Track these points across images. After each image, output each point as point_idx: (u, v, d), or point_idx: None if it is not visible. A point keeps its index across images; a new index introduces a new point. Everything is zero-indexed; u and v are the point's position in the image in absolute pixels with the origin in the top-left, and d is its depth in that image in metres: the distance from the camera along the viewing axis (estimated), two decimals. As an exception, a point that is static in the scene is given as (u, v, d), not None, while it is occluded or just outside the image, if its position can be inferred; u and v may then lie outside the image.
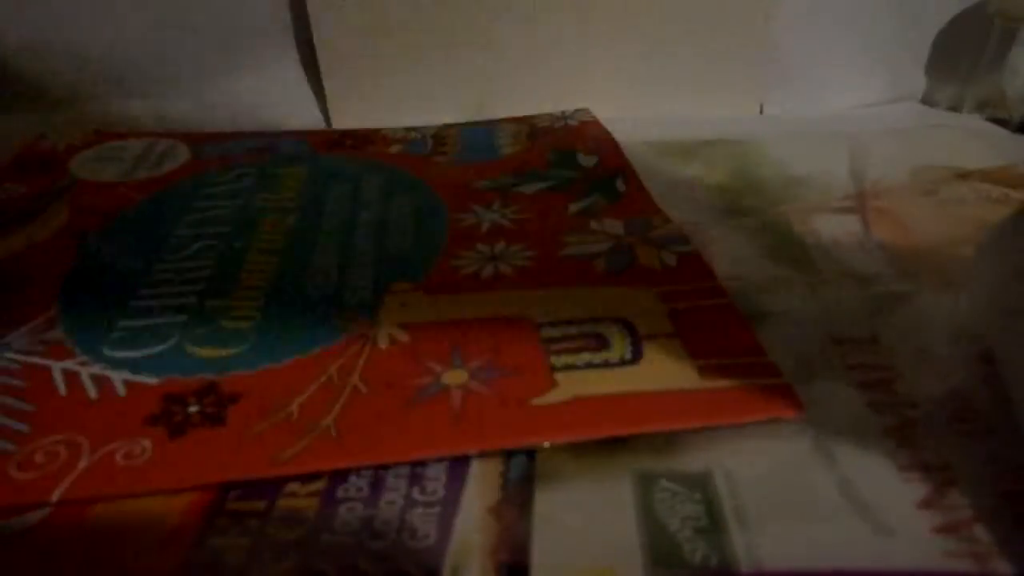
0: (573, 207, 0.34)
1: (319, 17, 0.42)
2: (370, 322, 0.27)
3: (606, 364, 0.25)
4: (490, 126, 0.43)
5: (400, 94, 0.44)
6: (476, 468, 0.21)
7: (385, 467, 0.21)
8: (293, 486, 0.21)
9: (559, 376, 0.24)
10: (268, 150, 0.40)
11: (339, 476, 0.21)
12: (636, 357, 0.25)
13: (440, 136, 0.42)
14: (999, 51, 0.44)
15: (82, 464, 0.21)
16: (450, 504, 0.20)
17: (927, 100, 0.49)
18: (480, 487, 0.21)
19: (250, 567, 0.19)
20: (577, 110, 0.44)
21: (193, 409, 0.23)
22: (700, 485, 0.21)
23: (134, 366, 0.25)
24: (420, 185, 0.36)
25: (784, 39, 0.45)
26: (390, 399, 0.23)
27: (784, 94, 0.47)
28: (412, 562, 0.19)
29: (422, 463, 0.21)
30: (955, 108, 0.47)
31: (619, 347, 0.25)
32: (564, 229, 0.32)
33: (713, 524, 0.20)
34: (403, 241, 0.32)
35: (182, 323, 0.27)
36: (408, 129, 0.42)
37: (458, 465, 0.21)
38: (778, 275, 0.30)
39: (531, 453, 0.22)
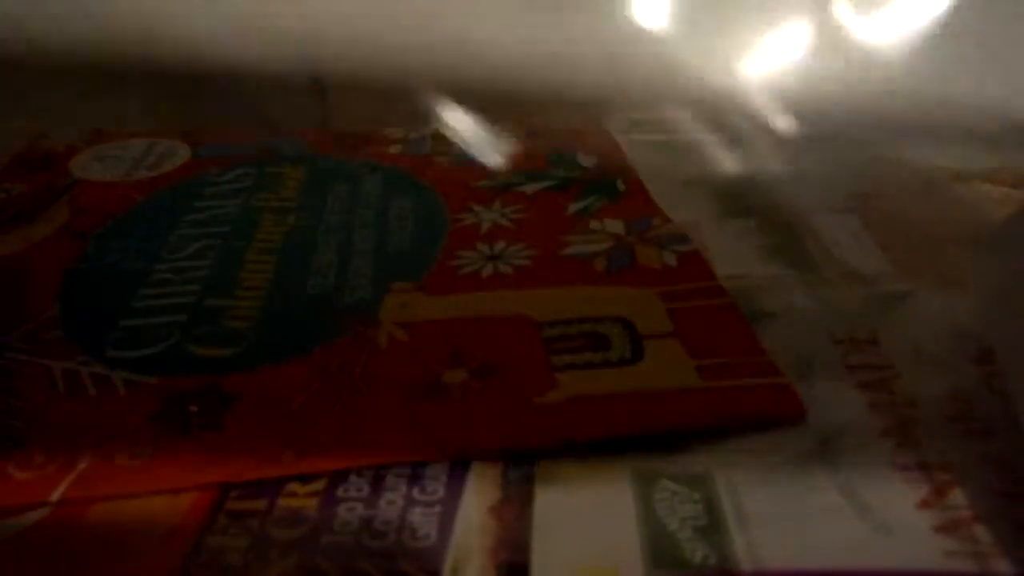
0: (573, 207, 0.34)
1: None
2: (370, 322, 0.27)
3: (606, 363, 0.25)
4: (490, 126, 0.43)
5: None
6: (476, 468, 0.21)
7: (385, 467, 0.21)
8: (293, 486, 0.21)
9: (559, 375, 0.24)
10: (268, 150, 0.40)
11: (339, 476, 0.21)
12: (636, 356, 0.25)
13: (440, 136, 0.42)
14: (999, 51, 0.44)
15: (82, 464, 0.21)
16: (450, 504, 0.20)
17: (927, 100, 0.49)
18: (480, 487, 0.21)
19: (250, 567, 0.19)
20: (577, 110, 0.44)
21: (193, 409, 0.23)
22: (700, 485, 0.21)
23: (134, 366, 0.25)
24: (420, 185, 0.36)
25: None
26: (390, 399, 0.23)
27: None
28: (412, 562, 0.19)
29: (422, 463, 0.21)
30: (955, 108, 0.47)
31: (619, 346, 0.25)
32: (564, 229, 0.32)
33: (713, 524, 0.20)
34: (403, 241, 0.32)
35: (182, 323, 0.27)
36: (408, 129, 0.42)
37: (458, 465, 0.21)
38: (778, 275, 0.30)
39: (531, 453, 0.22)
